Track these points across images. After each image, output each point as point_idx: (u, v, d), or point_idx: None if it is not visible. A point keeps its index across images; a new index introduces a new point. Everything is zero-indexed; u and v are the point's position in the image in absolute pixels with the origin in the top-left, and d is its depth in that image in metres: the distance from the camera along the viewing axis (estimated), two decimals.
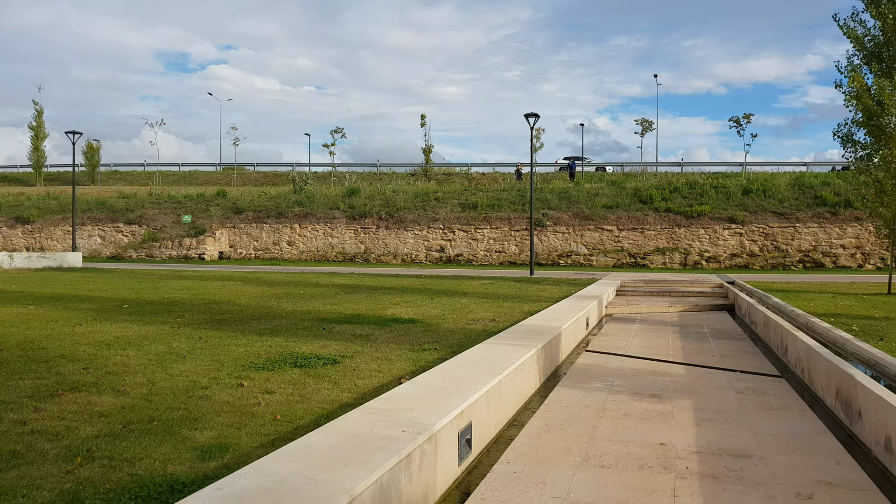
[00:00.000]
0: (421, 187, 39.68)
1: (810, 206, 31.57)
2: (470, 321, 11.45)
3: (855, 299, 15.11)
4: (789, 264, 30.47)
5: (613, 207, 33.90)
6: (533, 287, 19.52)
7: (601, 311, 15.36)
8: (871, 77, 15.99)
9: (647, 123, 62.45)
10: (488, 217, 34.88)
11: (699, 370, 8.87)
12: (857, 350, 7.79)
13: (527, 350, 7.53)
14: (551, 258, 33.36)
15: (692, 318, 14.96)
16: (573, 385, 7.89)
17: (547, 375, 8.41)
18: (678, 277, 23.35)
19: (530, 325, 10.15)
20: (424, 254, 35.13)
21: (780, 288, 18.92)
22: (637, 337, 12.06)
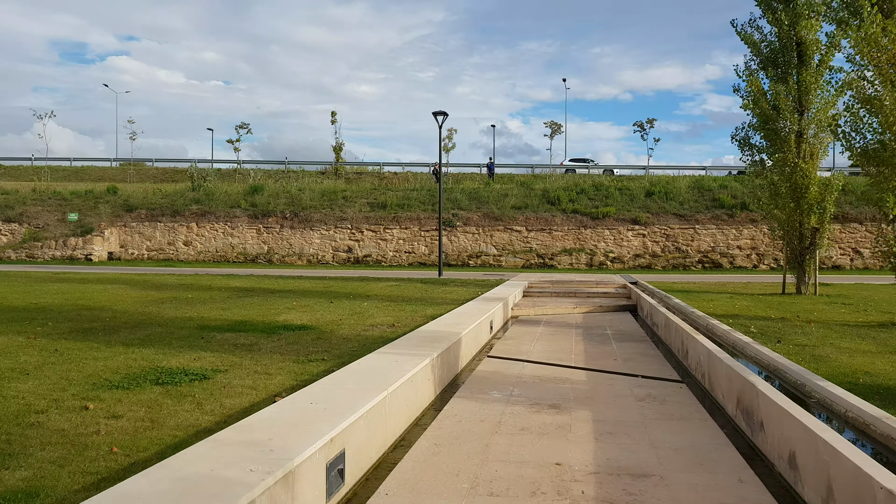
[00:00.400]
0: (328, 185, 38.60)
1: (709, 208, 32.63)
2: (368, 327, 10.79)
3: (752, 300, 15.40)
4: (689, 265, 31.37)
5: (522, 208, 33.97)
6: (440, 289, 19.05)
7: (507, 313, 15.04)
8: (768, 82, 16.40)
9: (555, 126, 63.50)
10: (398, 217, 34.24)
11: (600, 376, 8.56)
12: (756, 354, 7.64)
13: (420, 360, 6.97)
14: (461, 259, 33.07)
15: (596, 320, 14.85)
16: (471, 396, 7.39)
17: (444, 385, 7.87)
18: (584, 278, 23.47)
19: (430, 330, 9.61)
20: (332, 254, 34.12)
21: (681, 288, 19.21)
22: (541, 340, 11.74)
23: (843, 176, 16.07)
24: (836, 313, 12.65)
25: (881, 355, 7.99)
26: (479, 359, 9.96)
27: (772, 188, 16.73)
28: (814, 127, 15.93)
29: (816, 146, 16.08)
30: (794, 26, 15.59)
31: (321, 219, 34.70)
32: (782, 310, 13.34)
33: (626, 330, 13.20)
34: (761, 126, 16.35)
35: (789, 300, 15.20)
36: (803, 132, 16.10)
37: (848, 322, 11.30)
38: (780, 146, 16.13)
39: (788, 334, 9.86)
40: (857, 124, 10.87)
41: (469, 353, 9.75)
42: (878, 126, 10.55)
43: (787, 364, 6.64)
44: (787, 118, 15.87)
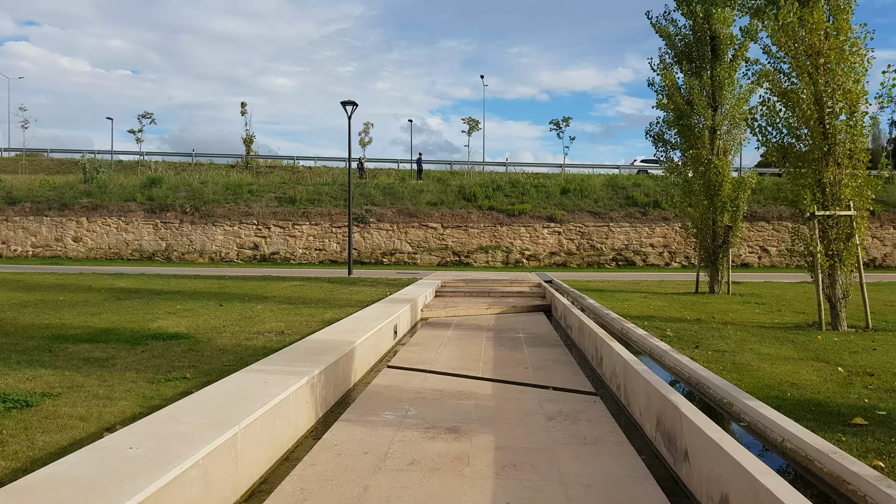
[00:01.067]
0: (234, 179, 36.62)
1: (623, 206, 32.71)
2: (253, 335, 9.59)
3: (666, 299, 15.02)
4: (603, 262, 31.33)
5: (438, 205, 33.13)
6: (346, 289, 17.92)
7: (415, 315, 14.09)
8: (682, 76, 16.09)
9: (473, 123, 63.09)
10: (308, 212, 32.75)
11: (508, 388, 7.71)
12: (676, 364, 6.95)
13: (296, 379, 5.90)
14: (374, 256, 31.94)
15: (509, 322, 14.10)
16: (359, 418, 6.37)
17: (330, 406, 6.83)
18: (498, 277, 22.82)
19: (320, 339, 8.53)
20: (236, 252, 32.31)
21: (596, 287, 18.78)
22: (449, 346, 10.84)
23: (756, 173, 15.95)
24: (751, 314, 12.32)
25: (804, 362, 7.47)
26: (377, 370, 8.96)
27: (685, 185, 16.46)
28: (727, 123, 15.72)
29: (730, 143, 15.89)
30: (709, 19, 15.31)
31: (225, 214, 32.81)
32: (697, 310, 12.93)
33: (540, 333, 12.47)
34: (676, 121, 16.03)
35: (703, 300, 14.90)
36: (717, 128, 15.87)
37: (764, 324, 10.91)
38: (693, 142, 15.84)
39: (706, 338, 9.31)
40: (773, 118, 10.47)
41: (365, 363, 8.73)
42: (795, 121, 10.17)
43: (711, 378, 5.94)
44: (701, 114, 15.59)
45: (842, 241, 9.99)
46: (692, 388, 6.14)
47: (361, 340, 8.52)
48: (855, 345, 8.61)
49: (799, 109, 9.98)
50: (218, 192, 34.36)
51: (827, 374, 6.81)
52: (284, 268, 29.23)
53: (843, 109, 9.75)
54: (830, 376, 6.67)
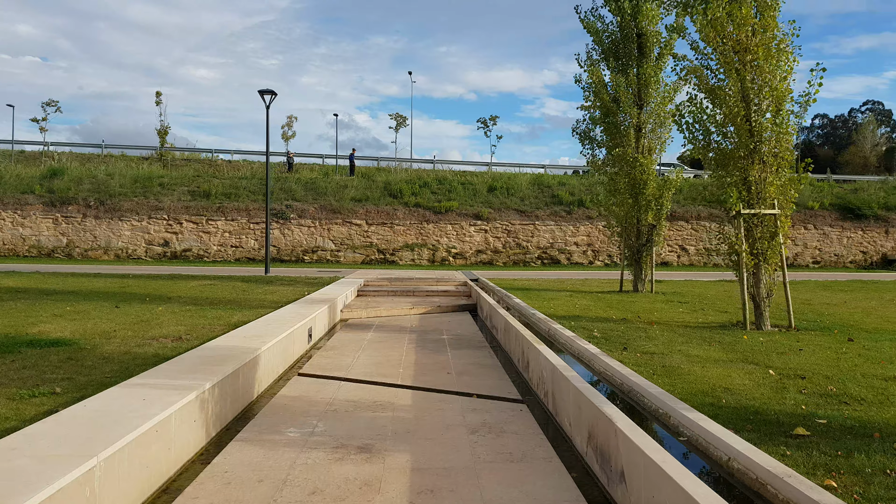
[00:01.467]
0: (143, 171, 34.67)
1: (548, 204, 32.73)
2: (146, 341, 8.67)
3: (592, 298, 14.78)
4: (529, 261, 31.25)
5: (363, 201, 32.29)
6: (261, 289, 16.97)
7: (334, 316, 13.34)
8: (609, 73, 15.90)
9: (401, 119, 62.41)
10: (223, 207, 31.31)
11: (430, 397, 7.13)
12: (606, 369, 6.53)
13: (183, 395, 5.14)
14: (295, 254, 30.82)
15: (433, 322, 13.53)
16: (258, 437, 5.65)
17: (226, 423, 6.07)
18: (424, 275, 22.25)
19: (221, 346, 7.72)
20: (144, 248, 30.56)
21: (522, 286, 18.46)
22: (368, 349, 10.17)
23: (681, 172, 15.94)
24: (675, 313, 12.17)
25: (734, 365, 7.19)
26: (287, 378, 8.22)
27: (611, 183, 16.31)
28: (652, 121, 15.64)
29: (654, 141, 15.82)
30: (636, 16, 15.18)
31: (133, 208, 31.00)
32: (622, 309, 12.71)
33: (465, 334, 11.96)
34: (602, 119, 15.85)
35: (628, 299, 14.74)
36: (642, 126, 15.78)
37: (689, 323, 10.73)
38: (619, 140, 15.69)
39: (633, 339, 8.99)
40: (700, 115, 10.28)
41: (273, 372, 7.97)
42: (721, 118, 10.00)
43: (645, 386, 5.52)
44: (627, 111, 15.44)
45: (766, 239, 9.88)
46: (625, 395, 5.71)
47: (268, 346, 7.76)
48: (781, 345, 8.45)
49: (726, 107, 9.81)
50: (126, 185, 32.45)
51: (759, 377, 6.52)
52: (197, 266, 27.79)
53: (769, 107, 9.62)
54: (763, 380, 6.38)
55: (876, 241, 32.50)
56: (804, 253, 32.12)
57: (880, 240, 32.52)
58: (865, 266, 32.16)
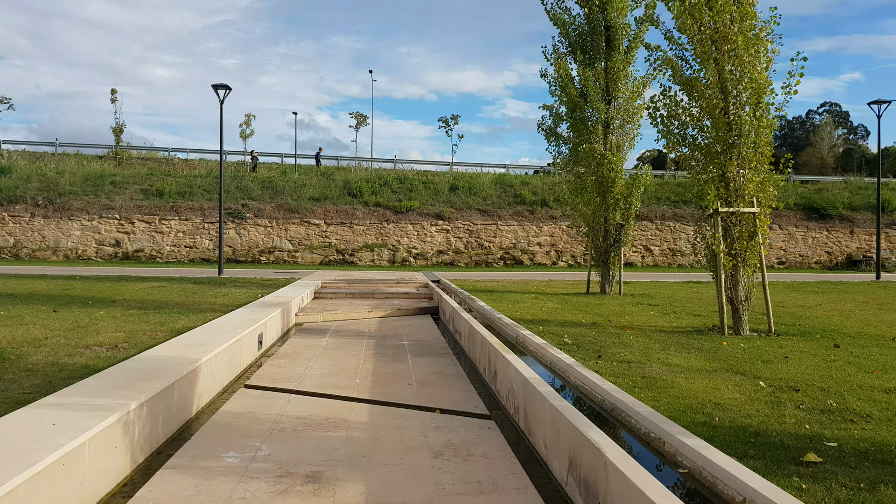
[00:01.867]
0: (94, 169, 33.19)
1: (511, 204, 32.24)
2: (79, 349, 7.82)
3: (559, 301, 14.25)
4: (492, 261, 30.71)
5: (321, 200, 31.37)
6: (213, 291, 16.07)
7: (288, 320, 12.56)
8: (576, 67, 15.40)
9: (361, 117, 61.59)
10: (177, 206, 30.09)
11: (389, 413, 6.45)
12: (584, 382, 5.92)
13: (102, 418, 4.39)
14: (252, 254, 29.76)
15: (393, 326, 12.84)
16: (192, 462, 4.91)
17: (158, 446, 5.31)
18: (384, 276, 21.52)
19: (158, 356, 6.93)
20: (95, 249, 29.19)
21: (485, 287, 17.87)
22: (323, 357, 9.44)
23: (650, 170, 15.50)
24: (647, 316, 11.69)
25: (719, 375, 6.67)
26: (232, 390, 7.46)
27: (577, 182, 15.81)
28: (621, 117, 15.17)
29: (623, 138, 15.37)
30: (605, 8, 14.70)
31: (83, 207, 29.60)
32: (592, 312, 12.19)
33: (426, 339, 11.29)
34: (569, 114, 15.33)
35: (596, 301, 14.24)
36: (610, 122, 15.31)
37: (663, 327, 10.24)
38: (587, 136, 15.19)
39: (607, 346, 8.44)
40: (675, 109, 9.79)
41: (216, 384, 7.20)
42: (698, 111, 9.52)
43: (630, 403, 4.92)
44: (594, 107, 14.94)
45: (745, 239, 9.43)
46: (608, 414, 5.11)
47: (210, 356, 6.99)
48: (765, 352, 7.98)
49: (703, 99, 9.34)
50: (76, 184, 31.00)
51: (749, 390, 6.00)
52: (149, 266, 26.59)
53: (749, 99, 9.17)
54: (755, 393, 5.85)
55: (841, 241, 32.68)
56: (769, 254, 32.19)
57: (845, 240, 32.72)
58: (830, 266, 32.29)
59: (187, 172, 33.87)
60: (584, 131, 15.21)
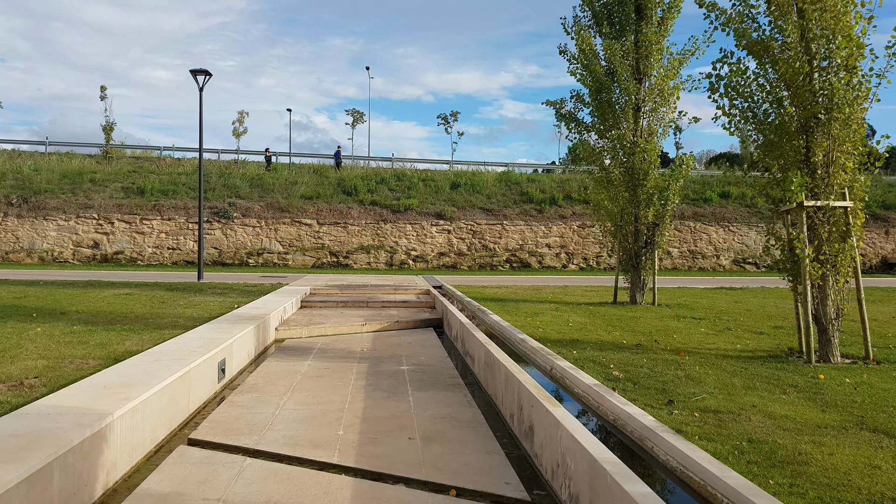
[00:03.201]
0: (73, 166, 31.13)
1: (517, 202, 30.20)
2: None
3: (584, 313, 12.23)
4: (497, 264, 28.67)
5: (314, 198, 29.36)
6: (185, 300, 14.07)
7: (265, 337, 10.57)
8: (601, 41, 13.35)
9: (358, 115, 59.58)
10: (160, 205, 28.06)
11: (381, 496, 4.44)
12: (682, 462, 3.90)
13: None
14: (239, 257, 27.73)
15: (390, 344, 10.84)
16: None
17: None
18: (380, 281, 19.51)
19: (60, 406, 4.96)
20: (72, 251, 27.16)
21: (495, 295, 15.86)
22: (300, 390, 7.45)
23: (692, 158, 13.43)
24: (698, 334, 9.67)
25: (853, 435, 4.68)
26: (169, 447, 5.47)
27: (601, 174, 13.78)
28: (655, 98, 13.12)
29: (656, 123, 13.35)
30: None
31: (59, 206, 27.58)
32: (629, 329, 10.19)
33: (430, 363, 9.28)
34: (593, 96, 13.30)
35: (629, 313, 12.23)
36: (641, 105, 13.28)
37: (726, 351, 8.23)
38: (614, 121, 13.17)
39: (671, 382, 6.43)
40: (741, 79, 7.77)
41: (142, 442, 5.20)
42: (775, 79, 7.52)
43: None
44: (623, 87, 12.92)
45: (836, 241, 7.42)
46: None
47: (132, 406, 5.00)
48: (884, 391, 5.98)
49: (782, 63, 7.32)
50: (54, 181, 28.98)
51: None
52: (128, 270, 24.56)
53: (842, 64, 7.16)
54: None
55: (875, 242, 30.29)
56: None
57: (880, 241, 30.37)
58: (865, 270, 29.75)
59: (172, 170, 31.81)
60: (611, 116, 13.18)
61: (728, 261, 29.53)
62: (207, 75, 19.55)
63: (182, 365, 6.52)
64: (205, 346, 7.76)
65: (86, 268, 25.16)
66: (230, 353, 8.19)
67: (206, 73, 19.44)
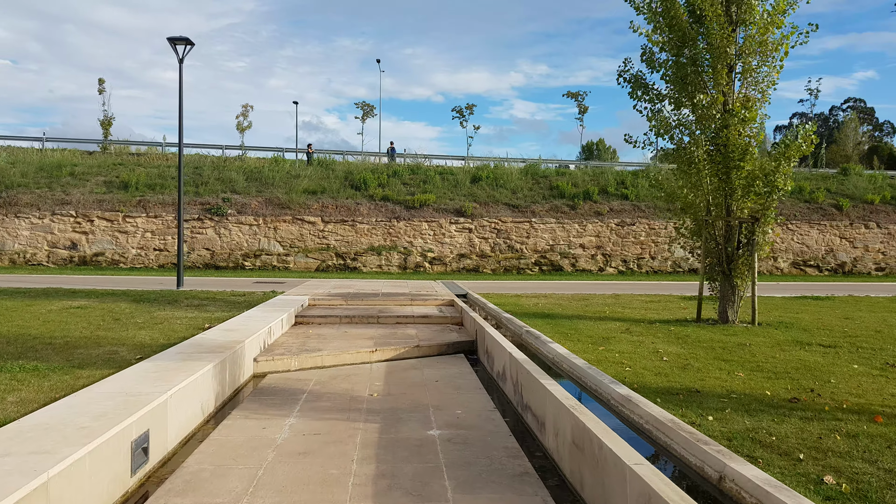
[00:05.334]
0: (52, 159, 28.28)
1: (546, 197, 27.06)
2: None
3: (670, 338, 9.14)
4: (524, 267, 25.54)
5: (318, 193, 26.36)
6: (147, 316, 11.17)
7: (235, 376, 7.58)
8: None
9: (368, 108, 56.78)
10: (145, 201, 25.15)
11: None
12: None
13: None
14: (234, 259, 24.77)
15: (410, 384, 7.82)
16: None
17: None
18: (394, 289, 16.49)
19: None
20: (47, 252, 24.30)
21: (536, 308, 12.81)
22: (269, 484, 4.45)
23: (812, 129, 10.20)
24: (854, 373, 6.59)
25: None
26: None
27: (679, 154, 10.66)
28: (758, 55, 9.98)
29: (756, 86, 10.22)
30: None
31: (33, 202, 24.73)
32: (748, 364, 7.10)
33: (472, 424, 6.23)
34: (674, 51, 10.20)
35: (730, 337, 9.10)
36: (734, 64, 10.16)
37: None
38: (701, 84, 10.08)
39: None
40: None
41: None
42: None
43: None
44: (714, 38, 9.80)
45: None
46: None
47: None
48: None
49: None
50: (29, 175, 26.15)
51: None
52: (106, 274, 21.66)
53: None
54: None
55: None
56: (864, 257, 26.69)
57: None
58: None
59: (160, 162, 28.87)
60: (696, 78, 10.06)
61: (787, 263, 26.25)
62: (189, 44, 16.60)
63: (44, 464, 3.53)
64: (117, 409, 4.78)
65: (59, 272, 22.29)
66: (162, 418, 5.19)
67: (186, 42, 16.50)
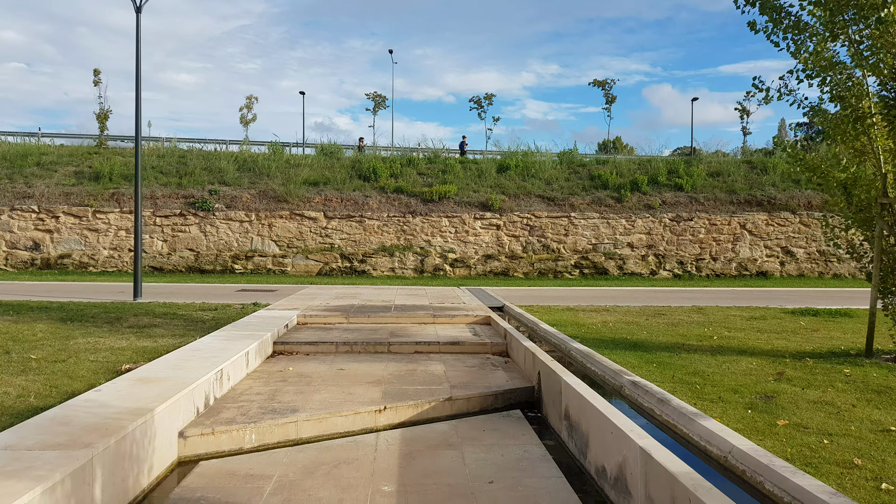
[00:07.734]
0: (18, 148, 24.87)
1: (586, 189, 23.30)
2: None
3: (850, 386, 5.43)
4: (562, 270, 21.79)
5: (321, 184, 22.80)
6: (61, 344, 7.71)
7: (129, 479, 3.95)
8: None
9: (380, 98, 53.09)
10: (119, 194, 21.68)
11: None
12: None
13: None
14: (222, 261, 21.22)
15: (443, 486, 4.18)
16: None
17: None
18: (410, 299, 12.89)
19: None
20: (5, 254, 20.89)
21: (610, 332, 9.16)
22: None
23: None
24: None
25: None
26: None
27: (836, 118, 7.01)
28: None
29: None
30: None
31: None
32: None
33: None
34: None
35: None
36: None
37: None
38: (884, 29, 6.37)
39: None
40: None
41: None
42: None
43: None
44: None
45: None
46: None
47: None
48: None
49: None
50: None
51: None
52: (68, 280, 18.22)
53: None
54: None
55: None
56: None
57: None
58: None
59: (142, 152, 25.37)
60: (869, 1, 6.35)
61: None
62: None
63: None
64: None
65: (14, 277, 18.86)
66: None
67: None
